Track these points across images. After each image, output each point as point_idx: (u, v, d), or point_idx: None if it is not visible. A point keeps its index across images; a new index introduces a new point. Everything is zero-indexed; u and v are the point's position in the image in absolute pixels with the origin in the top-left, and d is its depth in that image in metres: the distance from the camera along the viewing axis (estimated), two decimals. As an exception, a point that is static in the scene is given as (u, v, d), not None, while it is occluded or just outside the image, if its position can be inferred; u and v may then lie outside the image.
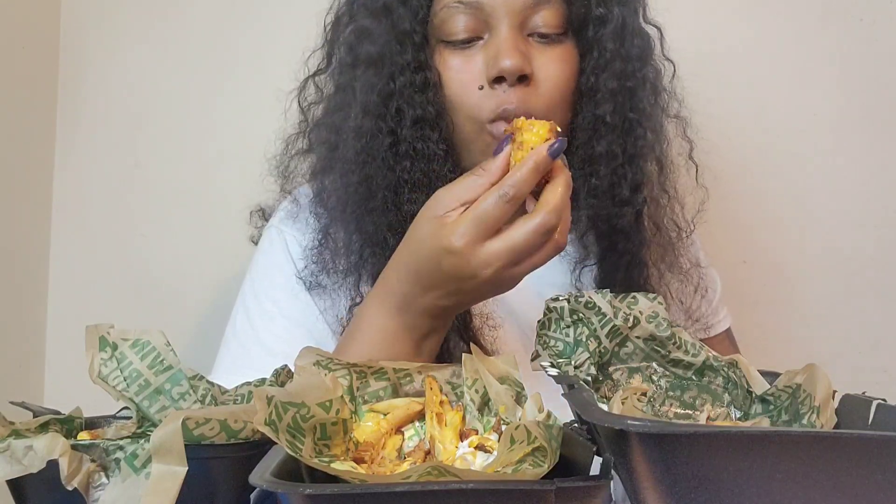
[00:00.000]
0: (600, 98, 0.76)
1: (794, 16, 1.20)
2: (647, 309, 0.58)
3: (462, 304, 0.67)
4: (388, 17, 0.74)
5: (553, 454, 0.40)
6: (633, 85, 0.77)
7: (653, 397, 0.57)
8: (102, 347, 0.51)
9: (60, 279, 1.14)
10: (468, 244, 0.60)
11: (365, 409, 0.53)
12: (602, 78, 0.76)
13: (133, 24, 1.15)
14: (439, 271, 0.62)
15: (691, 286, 0.86)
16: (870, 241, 1.21)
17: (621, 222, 0.78)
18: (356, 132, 0.75)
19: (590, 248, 0.83)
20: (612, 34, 0.76)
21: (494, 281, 0.62)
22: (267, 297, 0.82)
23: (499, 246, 0.60)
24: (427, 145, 0.73)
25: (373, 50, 0.75)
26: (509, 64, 0.71)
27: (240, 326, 0.83)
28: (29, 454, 0.44)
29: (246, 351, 0.80)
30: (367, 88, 0.74)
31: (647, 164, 0.80)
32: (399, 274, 0.66)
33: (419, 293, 0.64)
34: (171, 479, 0.42)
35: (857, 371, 1.19)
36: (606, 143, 0.76)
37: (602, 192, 0.77)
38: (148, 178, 1.15)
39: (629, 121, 0.77)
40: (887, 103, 1.20)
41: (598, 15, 0.76)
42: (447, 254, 0.61)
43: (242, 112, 1.14)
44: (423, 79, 0.74)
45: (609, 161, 0.76)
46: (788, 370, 0.55)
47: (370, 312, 0.68)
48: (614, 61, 0.76)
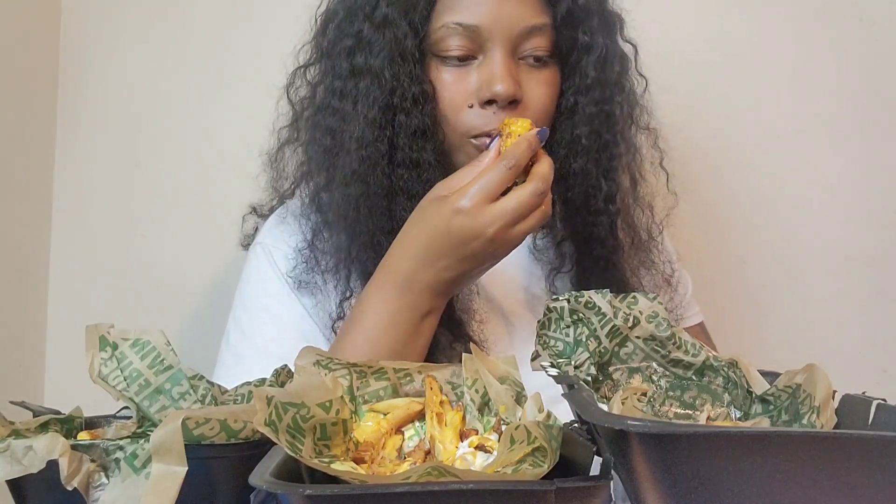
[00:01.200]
0: (578, 120, 0.81)
1: (793, 16, 1.20)
2: (647, 309, 0.58)
3: (463, 276, 0.71)
4: (389, 30, 0.76)
5: (553, 454, 0.40)
6: (610, 108, 0.83)
7: (653, 397, 0.57)
8: (102, 347, 0.51)
9: (60, 279, 1.14)
10: (476, 204, 0.67)
11: (365, 409, 0.53)
12: (582, 102, 0.81)
13: (133, 24, 1.15)
14: (447, 236, 0.68)
15: (663, 280, 0.91)
16: (870, 241, 1.21)
17: (596, 230, 0.84)
18: (358, 142, 0.77)
19: (566, 254, 0.88)
20: (595, 61, 0.81)
21: (495, 240, 0.68)
22: (256, 307, 0.85)
23: (502, 205, 0.68)
24: (422, 155, 0.77)
25: (374, 63, 0.77)
26: (502, 89, 0.75)
27: (233, 339, 0.85)
28: (29, 454, 0.44)
29: (240, 359, 0.82)
30: (368, 101, 0.77)
31: (620, 177, 0.86)
32: (403, 252, 0.71)
33: (423, 267, 0.69)
34: (170, 479, 0.42)
35: (857, 371, 1.19)
36: (582, 162, 0.81)
37: (577, 206, 0.83)
38: (148, 179, 1.15)
39: (604, 141, 0.82)
40: (887, 103, 1.20)
41: (583, 43, 0.80)
42: (456, 214, 0.68)
43: (242, 112, 1.14)
44: (421, 91, 0.77)
45: (584, 178, 0.82)
46: (788, 370, 0.55)
47: (370, 297, 0.72)
48: (594, 87, 0.81)
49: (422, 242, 0.69)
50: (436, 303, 0.72)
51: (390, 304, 0.70)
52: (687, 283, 1.00)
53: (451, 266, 0.69)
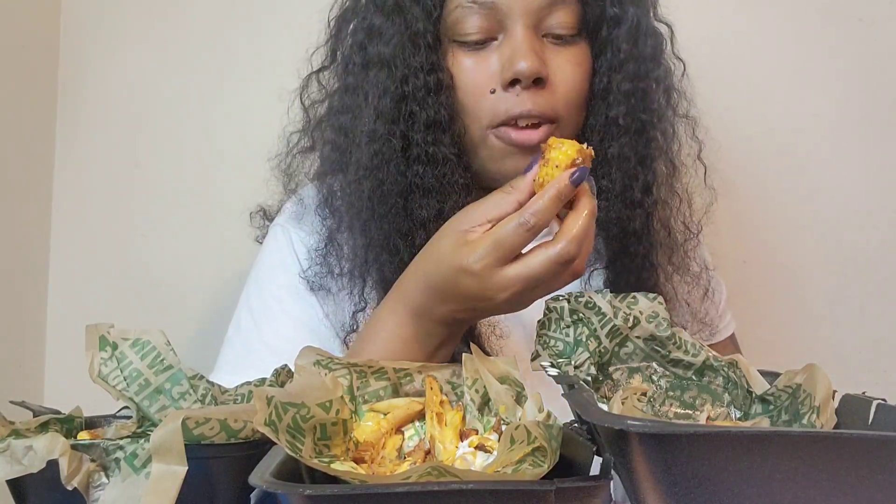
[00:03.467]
0: (613, 100, 0.75)
1: (793, 16, 1.20)
2: (647, 309, 0.58)
3: (478, 318, 0.68)
4: (400, 16, 0.72)
5: (553, 454, 0.40)
6: (646, 86, 0.76)
7: (653, 397, 0.57)
8: (102, 347, 0.51)
9: (60, 279, 1.14)
10: (486, 267, 0.59)
11: (365, 408, 0.53)
12: (616, 79, 0.75)
13: (133, 25, 1.15)
14: (456, 289, 0.62)
15: (699, 289, 0.85)
16: (870, 241, 1.21)
17: (632, 224, 0.77)
18: (369, 136, 0.73)
19: (600, 251, 0.80)
20: (626, 34, 0.75)
21: (510, 302, 0.62)
22: (271, 296, 0.81)
23: (516, 272, 0.60)
24: (439, 149, 0.72)
25: (385, 51, 0.73)
26: (525, 66, 0.69)
27: (244, 325, 0.82)
28: (29, 454, 0.44)
29: (249, 351, 0.80)
30: (379, 91, 0.73)
31: (659, 165, 0.79)
32: (417, 284, 0.65)
33: (435, 305, 0.64)
34: (170, 479, 0.42)
35: (857, 371, 1.19)
36: (619, 146, 0.75)
37: (614, 194, 0.76)
38: (148, 179, 1.15)
39: (642, 122, 0.76)
40: (887, 103, 1.20)
41: (612, 15, 0.74)
42: (465, 274, 0.60)
43: (242, 112, 1.14)
44: (436, 80, 0.72)
45: (621, 163, 0.75)
46: (788, 370, 0.55)
47: (385, 317, 0.67)
48: (628, 62, 0.75)
49: (434, 282, 0.63)
50: (450, 332, 0.66)
51: (403, 328, 0.65)
52: (722, 291, 0.95)
53: (463, 311, 0.64)
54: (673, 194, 0.81)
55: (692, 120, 0.84)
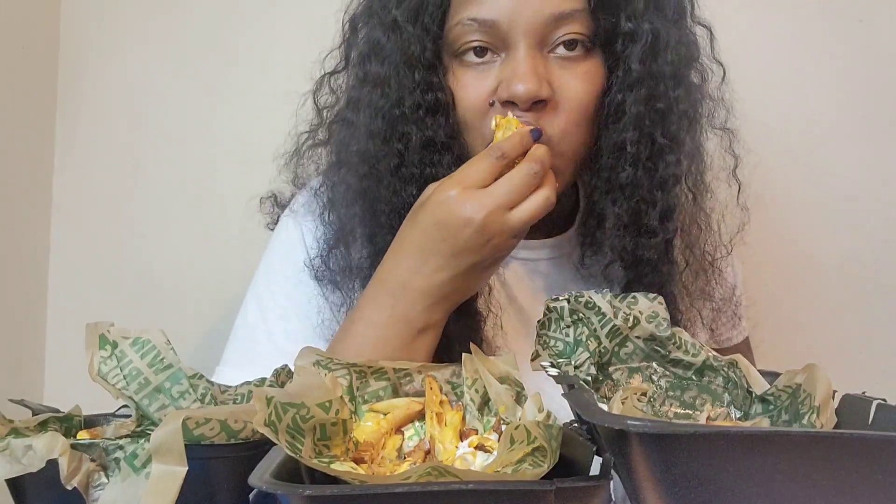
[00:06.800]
0: (625, 123, 0.70)
1: (793, 16, 1.20)
2: (646, 309, 0.58)
3: (459, 277, 0.64)
4: (397, 33, 0.70)
5: (553, 454, 0.40)
6: (664, 107, 0.71)
7: (653, 397, 0.57)
8: (102, 345, 0.51)
9: (60, 279, 1.14)
10: (462, 191, 0.62)
11: (365, 408, 0.53)
12: (628, 100, 0.70)
13: (133, 24, 1.15)
14: (435, 227, 0.62)
15: (724, 316, 0.82)
16: (870, 242, 1.21)
17: (648, 253, 0.72)
18: (360, 156, 0.72)
19: (614, 280, 0.76)
20: (641, 52, 0.70)
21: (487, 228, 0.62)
22: (281, 291, 0.80)
23: (490, 189, 0.62)
24: (437, 170, 0.70)
25: (380, 70, 0.71)
26: (522, 90, 0.66)
27: (252, 319, 0.80)
28: (28, 453, 0.44)
29: (256, 346, 0.79)
30: (371, 111, 0.72)
31: (679, 190, 0.74)
32: (396, 258, 0.65)
33: (416, 270, 0.63)
34: (170, 479, 0.41)
35: (857, 371, 1.19)
36: (631, 171, 0.71)
37: (626, 223, 0.72)
38: (148, 179, 1.15)
39: (659, 146, 0.71)
40: (887, 103, 1.20)
41: (627, 30, 0.69)
42: (441, 205, 0.62)
43: (243, 112, 1.14)
44: (434, 100, 0.70)
45: (633, 190, 0.71)
46: (788, 370, 0.54)
47: (362, 307, 0.67)
48: (642, 82, 0.70)
49: (412, 242, 0.64)
50: (432, 317, 0.65)
51: (381, 313, 0.64)
52: (745, 311, 0.91)
53: (445, 265, 0.63)
54: (697, 220, 0.77)
55: (729, 133, 0.79)
